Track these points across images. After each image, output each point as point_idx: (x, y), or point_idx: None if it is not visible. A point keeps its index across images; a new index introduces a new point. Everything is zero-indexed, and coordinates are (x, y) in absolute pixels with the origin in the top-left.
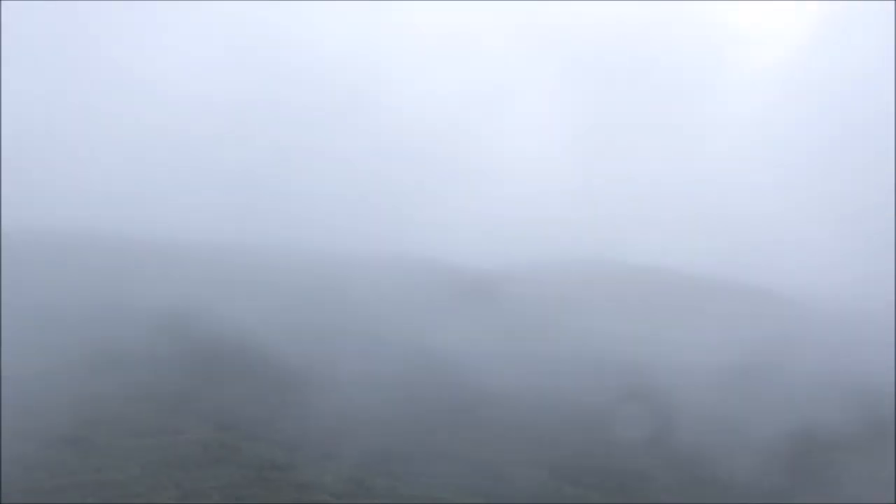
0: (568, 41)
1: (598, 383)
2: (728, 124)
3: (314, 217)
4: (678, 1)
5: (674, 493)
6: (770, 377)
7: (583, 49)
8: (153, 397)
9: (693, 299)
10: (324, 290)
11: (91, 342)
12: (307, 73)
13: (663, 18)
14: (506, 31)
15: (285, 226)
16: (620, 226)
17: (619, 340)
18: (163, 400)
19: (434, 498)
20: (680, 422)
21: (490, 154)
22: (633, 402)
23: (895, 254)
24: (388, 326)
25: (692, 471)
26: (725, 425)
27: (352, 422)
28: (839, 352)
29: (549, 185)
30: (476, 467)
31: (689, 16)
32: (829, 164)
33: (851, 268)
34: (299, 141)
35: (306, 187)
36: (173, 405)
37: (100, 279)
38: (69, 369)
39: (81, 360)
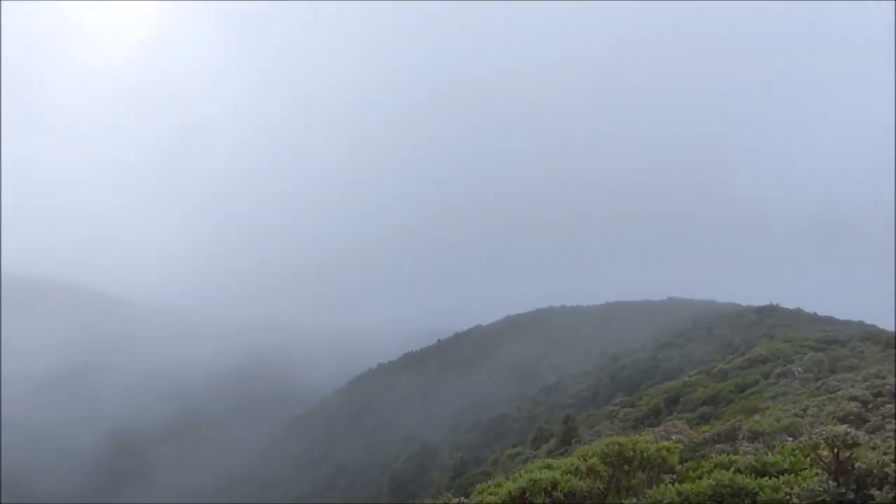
0: None
1: None
2: (60, 121)
3: None
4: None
5: None
6: (95, 377)
7: None
8: None
9: (16, 301)
10: None
11: None
12: None
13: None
14: None
15: None
16: None
17: None
18: None
19: None
20: None
21: None
22: None
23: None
24: None
25: (10, 490)
26: (47, 434)
27: None
28: (158, 347)
29: None
30: None
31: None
32: (160, 167)
33: (169, 267)
34: None
35: None
36: None
37: None
38: None
39: None
